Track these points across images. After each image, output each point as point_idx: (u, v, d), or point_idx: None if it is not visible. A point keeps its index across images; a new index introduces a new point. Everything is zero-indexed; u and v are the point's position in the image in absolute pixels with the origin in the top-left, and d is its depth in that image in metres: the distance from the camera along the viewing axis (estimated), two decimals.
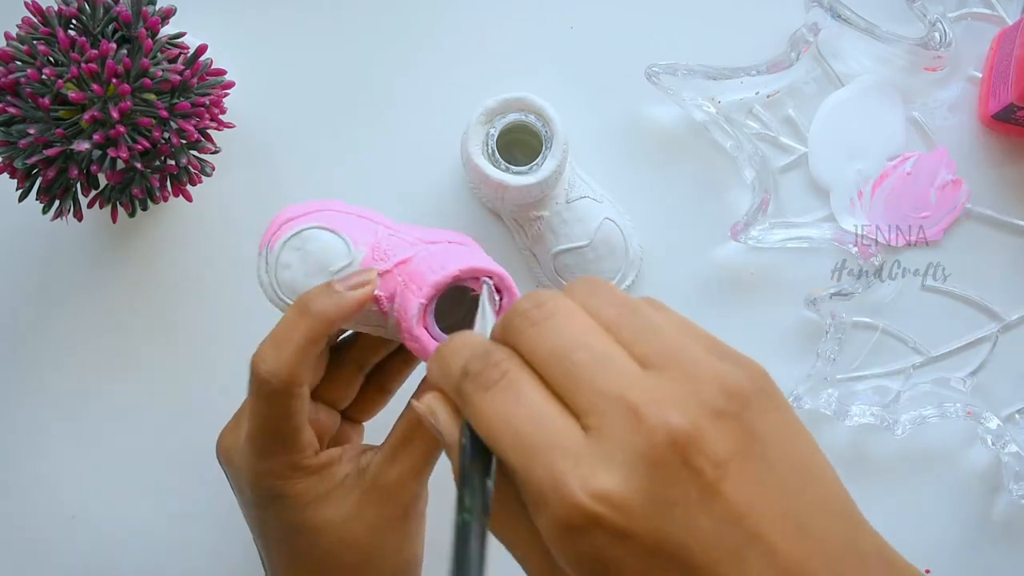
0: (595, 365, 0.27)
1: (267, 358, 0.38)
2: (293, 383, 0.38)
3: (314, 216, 0.41)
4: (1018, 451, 0.51)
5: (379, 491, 0.41)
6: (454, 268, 0.39)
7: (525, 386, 0.28)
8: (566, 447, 0.26)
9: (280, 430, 0.39)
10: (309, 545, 0.41)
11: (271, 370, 0.38)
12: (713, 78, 0.52)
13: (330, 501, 0.41)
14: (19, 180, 0.46)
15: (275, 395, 0.38)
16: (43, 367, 0.54)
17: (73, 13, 0.45)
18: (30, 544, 0.54)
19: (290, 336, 0.38)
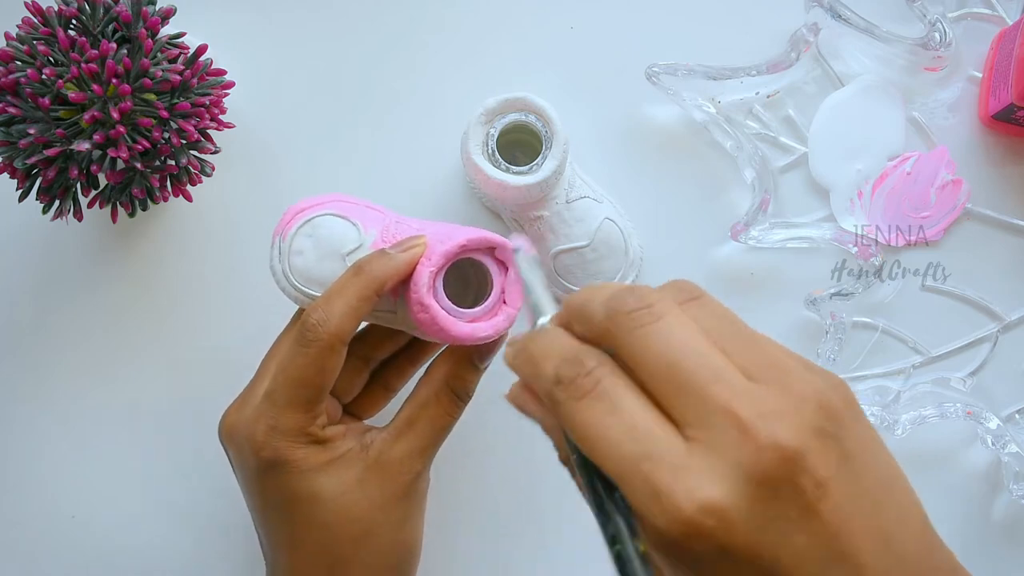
0: (705, 374, 0.27)
1: (317, 307, 0.40)
2: (339, 337, 0.40)
3: (326, 206, 0.43)
4: (1018, 451, 0.51)
5: (382, 467, 0.42)
6: (462, 237, 0.41)
7: (620, 394, 0.27)
8: (667, 458, 0.26)
9: (311, 383, 0.40)
10: (308, 515, 0.41)
11: (320, 319, 0.40)
12: (713, 78, 0.52)
13: (332, 472, 0.42)
14: (19, 180, 0.46)
15: (319, 345, 0.40)
16: (43, 367, 0.54)
17: (73, 13, 0.45)
18: (30, 544, 0.54)
19: (343, 292, 0.40)
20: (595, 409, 0.27)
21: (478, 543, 0.53)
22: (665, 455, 0.26)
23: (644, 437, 0.26)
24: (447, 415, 0.43)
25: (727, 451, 0.26)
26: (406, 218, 0.44)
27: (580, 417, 0.27)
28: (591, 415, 0.27)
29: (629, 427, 0.27)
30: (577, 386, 0.28)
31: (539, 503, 0.53)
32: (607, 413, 0.27)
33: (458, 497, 0.53)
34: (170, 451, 0.54)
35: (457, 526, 0.53)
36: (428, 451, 0.43)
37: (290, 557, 0.42)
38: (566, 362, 0.28)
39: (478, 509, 0.53)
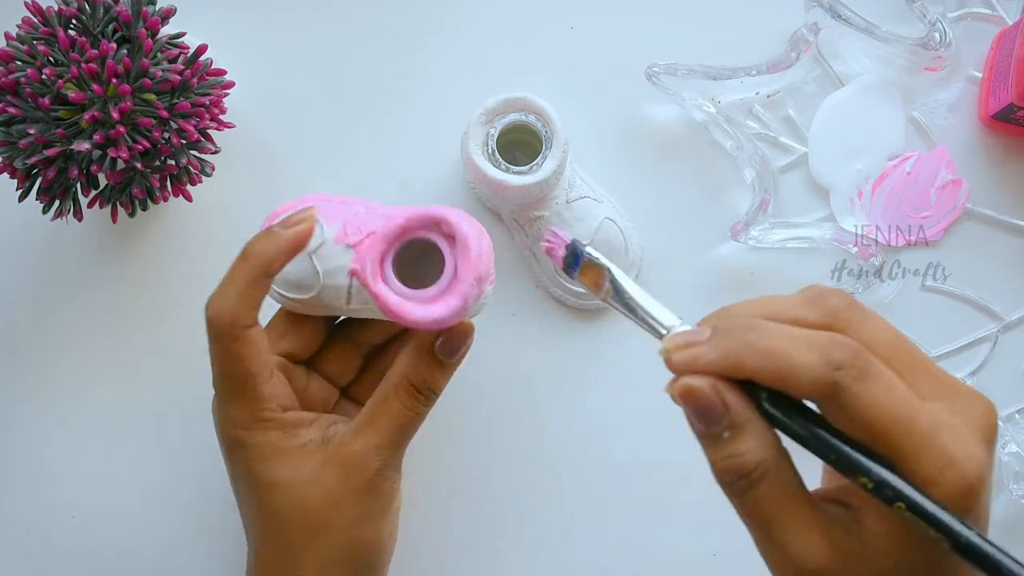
0: (921, 353, 0.31)
1: (212, 301, 0.40)
2: (236, 324, 0.40)
3: (293, 207, 0.43)
4: (1018, 451, 0.51)
5: (339, 461, 0.42)
6: (400, 217, 0.40)
7: (888, 374, 0.30)
8: (945, 427, 0.29)
9: (232, 374, 0.41)
10: (264, 499, 0.42)
11: (215, 311, 0.40)
12: (713, 78, 0.52)
13: (289, 460, 0.42)
14: (19, 180, 0.46)
15: (220, 336, 0.40)
16: (43, 367, 0.54)
17: (73, 13, 0.45)
18: (30, 544, 0.54)
19: (232, 279, 0.41)
20: (879, 388, 0.29)
21: (475, 543, 0.53)
22: (941, 424, 0.29)
23: (923, 410, 0.29)
24: (407, 410, 0.42)
25: (970, 417, 0.30)
26: (380, 206, 0.43)
27: (867, 399, 0.29)
28: (878, 395, 0.29)
29: (908, 403, 0.29)
30: (859, 368, 0.29)
31: (536, 504, 0.53)
32: (890, 390, 0.29)
33: (456, 498, 0.53)
34: (170, 451, 0.54)
35: (453, 526, 0.53)
36: (388, 447, 0.42)
37: (255, 537, 0.43)
38: (835, 346, 0.30)
39: (476, 509, 0.53)
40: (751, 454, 0.30)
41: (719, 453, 0.31)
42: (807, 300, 0.32)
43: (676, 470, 0.53)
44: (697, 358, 0.32)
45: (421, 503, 0.53)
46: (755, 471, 0.30)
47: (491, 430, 0.53)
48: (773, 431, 0.31)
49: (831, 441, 0.30)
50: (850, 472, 0.30)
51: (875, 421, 0.29)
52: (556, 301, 0.54)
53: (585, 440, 0.53)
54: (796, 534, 0.31)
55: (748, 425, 0.31)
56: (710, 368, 0.31)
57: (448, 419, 0.53)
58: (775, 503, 0.31)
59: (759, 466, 0.30)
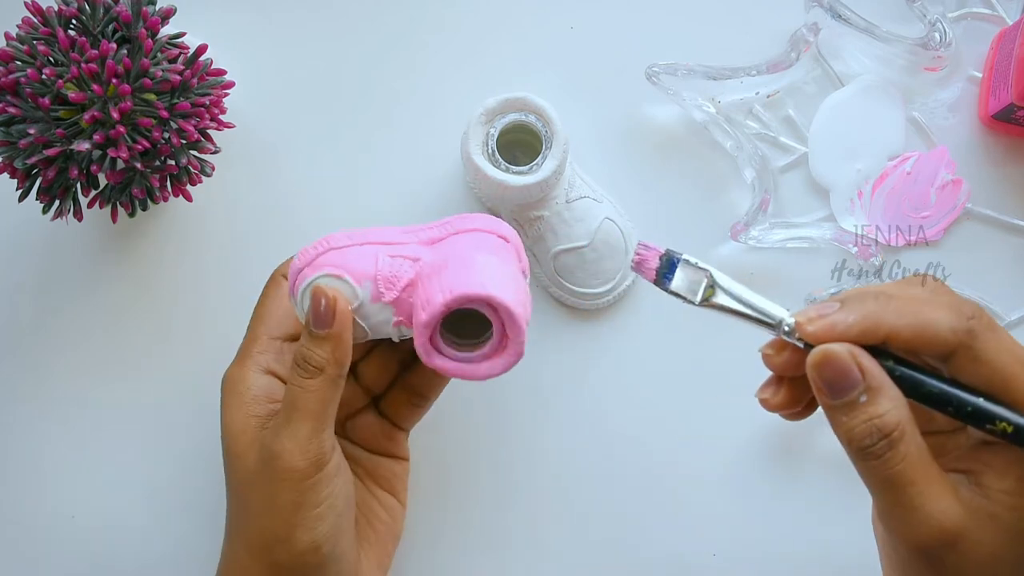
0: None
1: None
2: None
3: (317, 264, 0.42)
4: None
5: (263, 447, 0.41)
6: (439, 303, 0.39)
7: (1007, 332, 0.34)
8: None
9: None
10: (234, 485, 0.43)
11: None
12: (713, 78, 0.52)
13: (244, 457, 0.42)
14: (19, 180, 0.46)
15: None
16: (43, 366, 0.54)
17: (73, 13, 0.45)
18: (30, 544, 0.54)
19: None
20: (1007, 337, 0.33)
21: (473, 541, 0.53)
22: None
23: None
24: (293, 386, 0.40)
25: None
26: (405, 237, 0.43)
27: (1000, 343, 0.32)
28: (1007, 341, 0.33)
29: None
30: (988, 319, 0.33)
31: (535, 503, 0.53)
32: (1015, 341, 0.33)
33: (454, 496, 0.53)
34: (170, 451, 0.54)
35: (452, 525, 0.53)
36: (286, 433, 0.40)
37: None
38: (962, 303, 0.33)
39: (474, 507, 0.53)
40: (891, 415, 0.32)
41: (857, 418, 0.32)
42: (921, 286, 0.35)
43: (676, 470, 0.53)
44: (835, 324, 0.33)
45: (421, 501, 0.53)
46: (895, 431, 0.32)
47: (490, 429, 0.53)
48: (903, 396, 0.33)
49: (965, 396, 0.32)
50: (988, 420, 0.32)
51: (1008, 365, 0.32)
52: (556, 301, 0.54)
53: (585, 440, 0.53)
54: (932, 496, 0.32)
55: (885, 388, 0.32)
56: (848, 331, 0.33)
57: (447, 418, 0.53)
58: (912, 465, 0.32)
59: (899, 426, 0.32)
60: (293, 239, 0.51)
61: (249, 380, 0.43)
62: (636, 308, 0.54)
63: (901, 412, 0.32)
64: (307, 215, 0.54)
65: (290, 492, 0.40)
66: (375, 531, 0.47)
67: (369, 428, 0.48)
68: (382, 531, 0.47)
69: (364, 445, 0.48)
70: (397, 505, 0.49)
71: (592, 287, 0.52)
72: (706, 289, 0.36)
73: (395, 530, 0.48)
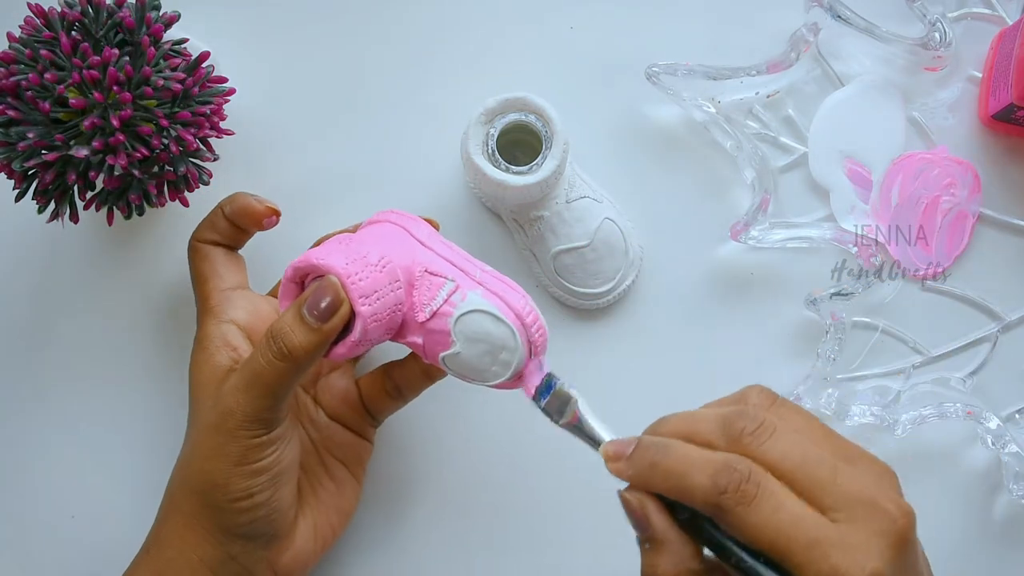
0: (827, 466, 0.33)
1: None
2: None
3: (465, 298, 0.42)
4: (1018, 451, 0.51)
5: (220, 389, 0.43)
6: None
7: (778, 492, 0.33)
8: (833, 540, 0.32)
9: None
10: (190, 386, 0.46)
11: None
12: (713, 78, 0.52)
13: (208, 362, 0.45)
14: (16, 181, 0.46)
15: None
16: (42, 366, 0.54)
17: (76, 17, 0.45)
18: (30, 544, 0.54)
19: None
20: (765, 509, 0.32)
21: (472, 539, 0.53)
22: (835, 540, 0.32)
23: (811, 526, 0.32)
24: (260, 359, 0.41)
25: (871, 525, 0.32)
26: (393, 252, 0.44)
27: (753, 519, 0.32)
28: (763, 516, 0.32)
29: (799, 519, 0.32)
30: (744, 492, 0.33)
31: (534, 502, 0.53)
32: (775, 511, 0.32)
33: (453, 496, 0.53)
34: (169, 451, 0.53)
35: (451, 524, 0.53)
36: (243, 391, 0.42)
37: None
38: (721, 472, 0.33)
39: (473, 506, 0.53)
40: (664, 567, 0.34)
41: (644, 562, 0.35)
42: (721, 422, 0.35)
43: None
44: (621, 472, 0.37)
45: (420, 499, 0.53)
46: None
47: (489, 429, 0.53)
48: (694, 544, 0.35)
49: (736, 550, 0.33)
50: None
51: (758, 540, 0.32)
52: (556, 301, 0.54)
53: None
54: None
55: (665, 540, 0.35)
56: (630, 479, 0.36)
57: (446, 418, 0.53)
58: None
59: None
60: (291, 241, 0.51)
61: (210, 331, 0.45)
62: (636, 308, 0.54)
63: (680, 564, 0.34)
64: (306, 217, 0.54)
65: (235, 446, 0.42)
66: (317, 497, 0.48)
67: (339, 395, 0.49)
68: (326, 499, 0.48)
69: (329, 410, 0.49)
70: (350, 479, 0.49)
71: (592, 287, 0.52)
72: (569, 412, 0.42)
73: (342, 503, 0.49)
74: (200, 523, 0.43)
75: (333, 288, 0.41)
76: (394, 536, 0.53)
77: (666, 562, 0.34)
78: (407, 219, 0.46)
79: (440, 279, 0.43)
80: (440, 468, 0.53)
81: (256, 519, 0.43)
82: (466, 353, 0.42)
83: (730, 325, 0.54)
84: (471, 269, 0.43)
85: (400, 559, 0.53)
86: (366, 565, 0.53)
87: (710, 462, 0.34)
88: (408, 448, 0.53)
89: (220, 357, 0.45)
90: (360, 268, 0.41)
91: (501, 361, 0.42)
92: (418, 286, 0.43)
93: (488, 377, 0.43)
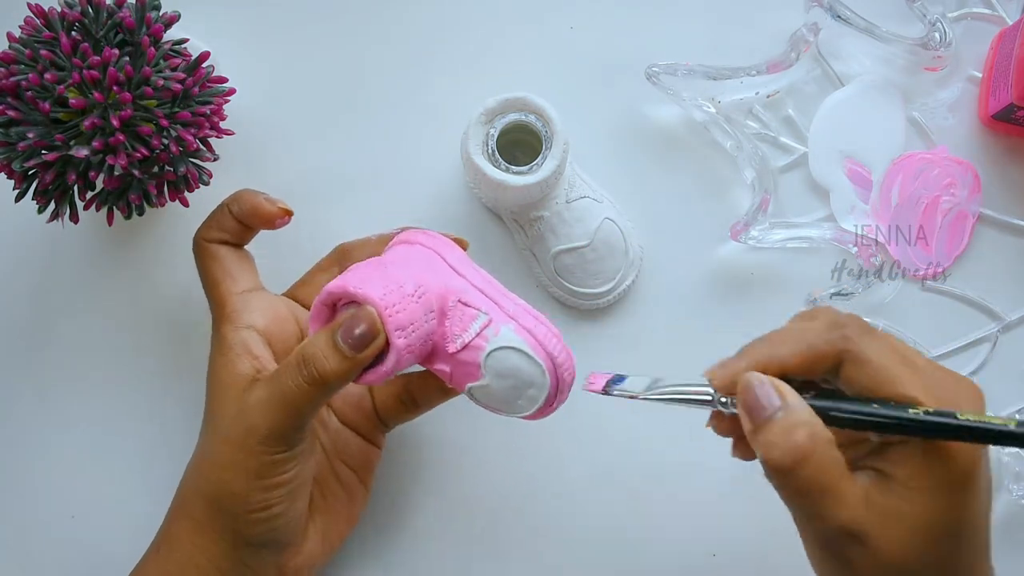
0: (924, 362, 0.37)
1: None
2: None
3: (497, 334, 0.42)
4: (1018, 451, 0.51)
5: (243, 401, 0.43)
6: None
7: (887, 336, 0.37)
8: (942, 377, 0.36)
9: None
10: (209, 397, 0.45)
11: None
12: (713, 78, 0.52)
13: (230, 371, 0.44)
14: (16, 181, 0.46)
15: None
16: (41, 367, 0.54)
17: (76, 17, 0.45)
18: (30, 544, 0.54)
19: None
20: (883, 341, 0.36)
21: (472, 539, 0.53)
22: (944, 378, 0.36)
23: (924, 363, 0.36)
24: (287, 378, 0.41)
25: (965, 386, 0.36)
26: (426, 282, 0.43)
27: (876, 342, 0.36)
28: (884, 345, 0.36)
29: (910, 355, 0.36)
30: (861, 326, 0.36)
31: (534, 502, 0.53)
32: (892, 345, 0.36)
33: (453, 496, 0.53)
34: (169, 451, 0.54)
35: (451, 525, 0.53)
36: (269, 411, 0.41)
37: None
38: (839, 317, 0.37)
39: (473, 506, 0.53)
40: (801, 431, 0.34)
41: (772, 434, 0.35)
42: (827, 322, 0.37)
43: (676, 470, 0.53)
44: (736, 369, 0.37)
45: (420, 500, 0.53)
46: (805, 446, 0.34)
47: (489, 429, 0.53)
48: (815, 415, 0.35)
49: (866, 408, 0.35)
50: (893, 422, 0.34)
51: (890, 363, 0.35)
52: (556, 301, 0.54)
53: (584, 440, 0.53)
54: (842, 506, 0.34)
55: (797, 408, 0.35)
56: (748, 367, 0.37)
57: (446, 418, 0.53)
58: (823, 477, 0.34)
59: (811, 441, 0.34)
60: (290, 242, 0.51)
61: (230, 337, 0.45)
62: (636, 308, 0.54)
63: (812, 429, 0.35)
64: (305, 217, 0.54)
65: (257, 461, 0.42)
66: (328, 504, 0.48)
67: (353, 402, 0.49)
68: (336, 506, 0.48)
69: (341, 416, 0.49)
70: (359, 485, 0.49)
71: (592, 287, 0.52)
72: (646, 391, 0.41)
73: (350, 510, 0.49)
74: (212, 528, 0.43)
75: (370, 319, 0.40)
76: (394, 537, 0.53)
77: (804, 424, 0.34)
78: (439, 242, 0.45)
79: (473, 311, 0.42)
80: (441, 469, 0.53)
81: (271, 530, 0.43)
82: (494, 386, 0.42)
83: (730, 325, 0.54)
84: (504, 302, 0.43)
85: (400, 559, 0.53)
86: (366, 567, 0.53)
87: (819, 318, 0.37)
88: (408, 449, 0.53)
89: (242, 365, 0.44)
90: (398, 299, 0.40)
91: (528, 396, 0.42)
92: (451, 316, 0.42)
93: (513, 410, 0.43)
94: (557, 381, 0.43)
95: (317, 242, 0.50)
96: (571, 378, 0.43)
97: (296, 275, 0.50)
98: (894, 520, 0.34)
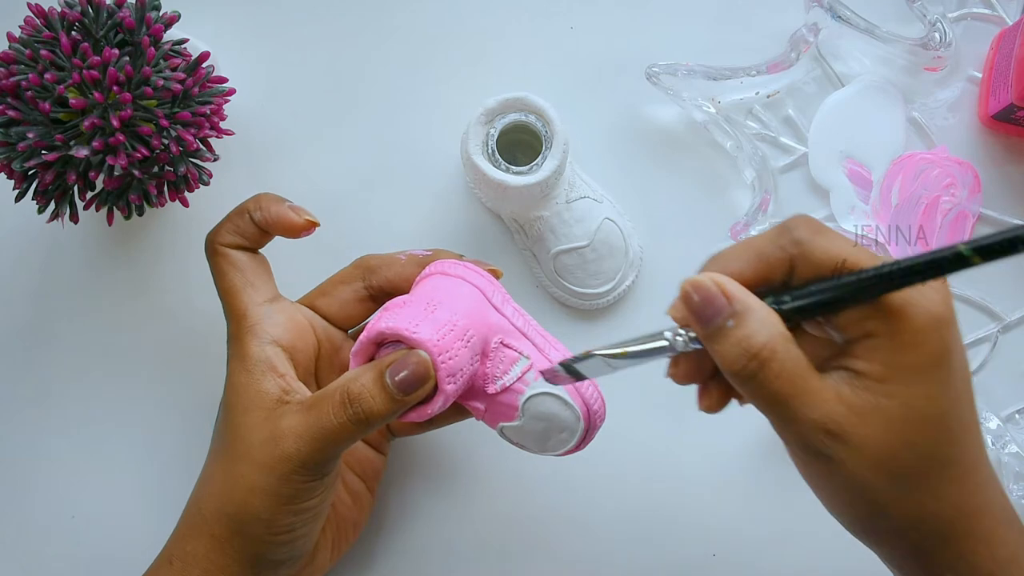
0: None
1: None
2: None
3: (535, 374, 0.42)
4: (1018, 451, 0.51)
5: (271, 427, 0.42)
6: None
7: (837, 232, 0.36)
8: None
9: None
10: (223, 415, 0.44)
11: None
12: (713, 78, 0.52)
13: (251, 392, 0.43)
14: (16, 181, 0.46)
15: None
16: (41, 367, 0.54)
17: (76, 17, 0.45)
18: (30, 544, 0.54)
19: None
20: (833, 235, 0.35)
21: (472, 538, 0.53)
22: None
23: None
24: (331, 415, 0.40)
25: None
26: (462, 321, 0.42)
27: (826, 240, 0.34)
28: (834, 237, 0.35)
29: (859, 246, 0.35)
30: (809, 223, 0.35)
31: (535, 502, 0.53)
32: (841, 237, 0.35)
33: (454, 497, 0.53)
34: (169, 451, 0.54)
35: (452, 525, 0.53)
36: (306, 441, 0.40)
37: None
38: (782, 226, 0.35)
39: (473, 506, 0.53)
40: (758, 335, 0.33)
41: (726, 343, 0.33)
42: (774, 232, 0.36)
43: (676, 470, 0.53)
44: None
45: (421, 502, 0.53)
46: (763, 350, 0.33)
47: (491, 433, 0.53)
48: (774, 313, 0.34)
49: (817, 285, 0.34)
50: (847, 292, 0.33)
51: (841, 251, 0.34)
52: (556, 301, 0.54)
53: None
54: (814, 404, 0.33)
55: (752, 310, 0.33)
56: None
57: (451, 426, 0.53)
58: (788, 379, 0.33)
59: (767, 344, 0.33)
60: (289, 242, 0.51)
61: (253, 352, 0.43)
62: (636, 308, 0.54)
63: (770, 331, 0.33)
64: None
65: (288, 488, 0.41)
66: (336, 512, 0.48)
67: None
68: (344, 513, 0.48)
69: None
70: (365, 492, 0.49)
71: (592, 287, 0.52)
72: (604, 365, 0.38)
73: (357, 517, 0.49)
74: (232, 547, 0.42)
75: (424, 364, 0.39)
76: (395, 538, 0.53)
77: (760, 327, 0.33)
78: (482, 280, 0.44)
79: (515, 354, 0.42)
80: (442, 472, 0.53)
81: (291, 550, 0.43)
82: (527, 428, 0.42)
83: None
84: (545, 346, 0.43)
85: (401, 561, 0.53)
86: (367, 569, 0.53)
87: (770, 231, 0.35)
88: (410, 454, 0.53)
89: (267, 384, 0.43)
90: (450, 345, 0.40)
91: (560, 439, 0.43)
92: (492, 357, 0.42)
93: (542, 450, 0.43)
94: (588, 427, 0.43)
95: (316, 241, 0.50)
96: (601, 423, 0.43)
97: (292, 274, 0.49)
98: (871, 414, 0.33)
